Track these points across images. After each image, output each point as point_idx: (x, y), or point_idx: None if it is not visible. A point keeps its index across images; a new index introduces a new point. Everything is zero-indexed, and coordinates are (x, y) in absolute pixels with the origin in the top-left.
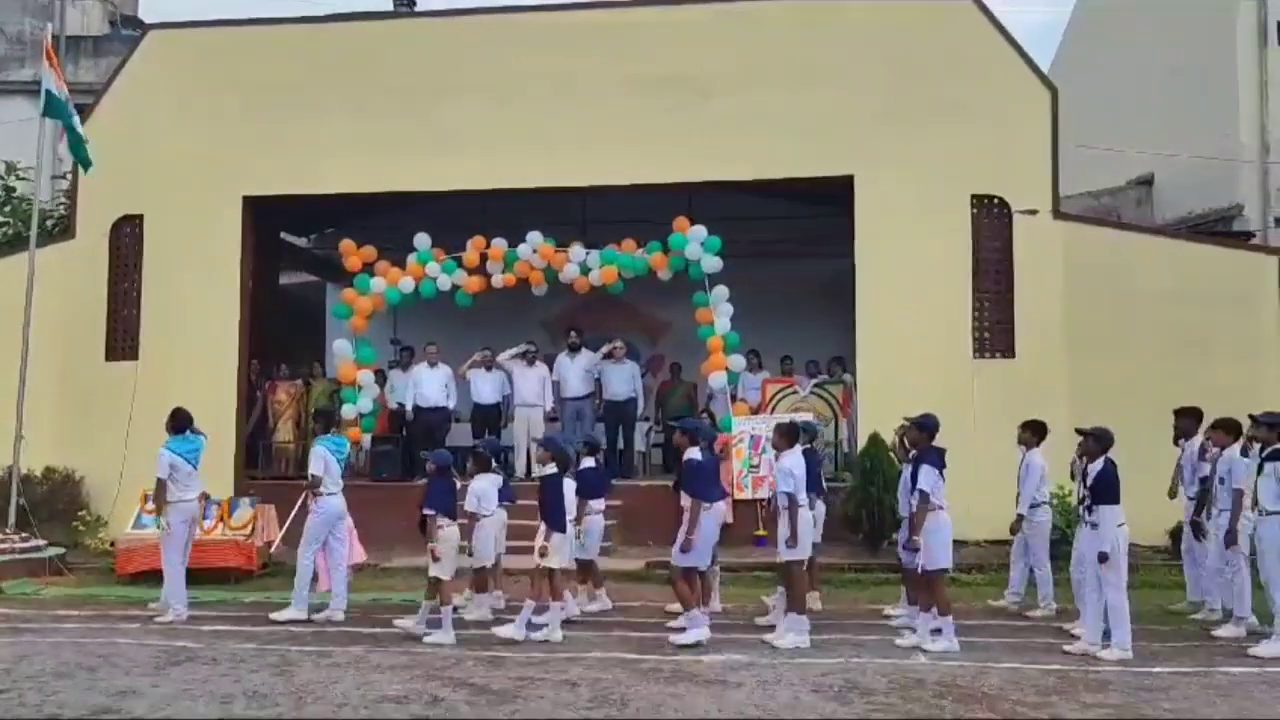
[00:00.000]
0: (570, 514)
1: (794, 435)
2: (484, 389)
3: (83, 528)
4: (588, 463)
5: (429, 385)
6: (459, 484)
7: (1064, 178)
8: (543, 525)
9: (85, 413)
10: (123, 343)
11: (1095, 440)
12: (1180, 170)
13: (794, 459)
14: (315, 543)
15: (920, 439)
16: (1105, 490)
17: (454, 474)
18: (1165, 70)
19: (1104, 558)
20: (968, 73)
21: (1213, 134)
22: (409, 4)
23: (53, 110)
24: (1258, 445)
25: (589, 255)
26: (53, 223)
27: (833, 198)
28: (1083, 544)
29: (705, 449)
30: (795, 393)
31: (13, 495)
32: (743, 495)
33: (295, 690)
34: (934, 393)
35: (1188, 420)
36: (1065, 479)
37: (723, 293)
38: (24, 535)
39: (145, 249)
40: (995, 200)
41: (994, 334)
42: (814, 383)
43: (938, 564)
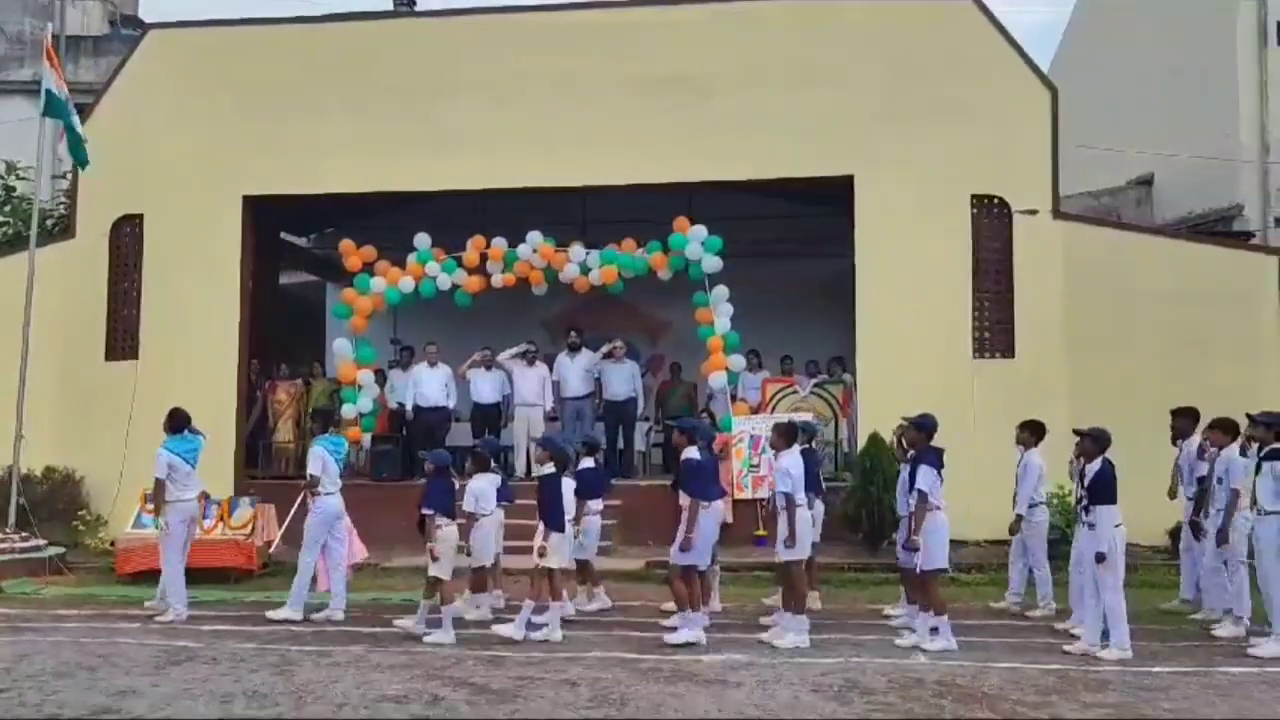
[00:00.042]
0: (569, 514)
1: (792, 435)
2: (484, 389)
3: (83, 527)
4: (587, 463)
5: (429, 385)
6: (458, 484)
7: (1064, 178)
8: (541, 525)
9: (85, 412)
10: (123, 342)
11: (1092, 441)
12: (1180, 170)
13: (792, 459)
14: (317, 544)
15: (918, 439)
16: (1102, 491)
17: (453, 474)
18: (1165, 70)
19: (1101, 558)
20: (968, 73)
21: (1213, 134)
22: (409, 4)
23: (53, 110)
24: (1255, 445)
25: (589, 255)
26: (53, 222)
27: (833, 198)
28: (1081, 544)
29: (703, 448)
30: (795, 392)
31: (13, 495)
32: (742, 495)
33: (295, 690)
34: (934, 393)
35: (1185, 420)
36: (1065, 479)
37: (723, 292)
38: (24, 535)
39: (145, 249)
40: (995, 200)
41: (994, 334)
42: (814, 382)
43: (934, 564)
